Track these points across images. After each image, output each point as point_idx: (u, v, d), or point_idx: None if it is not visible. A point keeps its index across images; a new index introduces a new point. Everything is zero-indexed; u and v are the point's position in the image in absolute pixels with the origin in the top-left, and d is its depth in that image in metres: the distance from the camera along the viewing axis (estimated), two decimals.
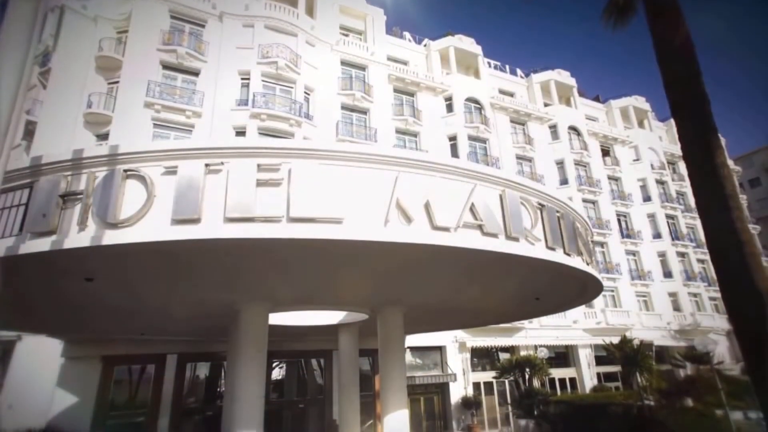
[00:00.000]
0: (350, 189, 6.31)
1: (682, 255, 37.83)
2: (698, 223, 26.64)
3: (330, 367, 19.52)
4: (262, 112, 22.38)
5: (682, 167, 40.68)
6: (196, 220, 5.83)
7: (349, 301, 11.73)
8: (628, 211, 37.03)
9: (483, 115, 32.05)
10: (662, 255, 36.62)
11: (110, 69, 21.93)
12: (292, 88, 24.31)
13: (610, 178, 37.61)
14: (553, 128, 35.93)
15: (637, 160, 40.23)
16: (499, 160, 31.13)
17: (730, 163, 41.64)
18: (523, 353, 25.26)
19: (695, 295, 36.88)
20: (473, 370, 25.21)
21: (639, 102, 43.82)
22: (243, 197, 5.93)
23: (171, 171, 6.06)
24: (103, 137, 20.52)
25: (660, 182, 40.40)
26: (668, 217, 38.95)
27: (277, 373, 19.96)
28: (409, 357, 22.00)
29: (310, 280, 9.35)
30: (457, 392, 23.82)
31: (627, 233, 36.00)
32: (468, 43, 34.87)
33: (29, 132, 20.05)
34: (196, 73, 23.12)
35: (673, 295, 35.54)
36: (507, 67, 39.03)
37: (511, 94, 36.59)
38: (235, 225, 5.87)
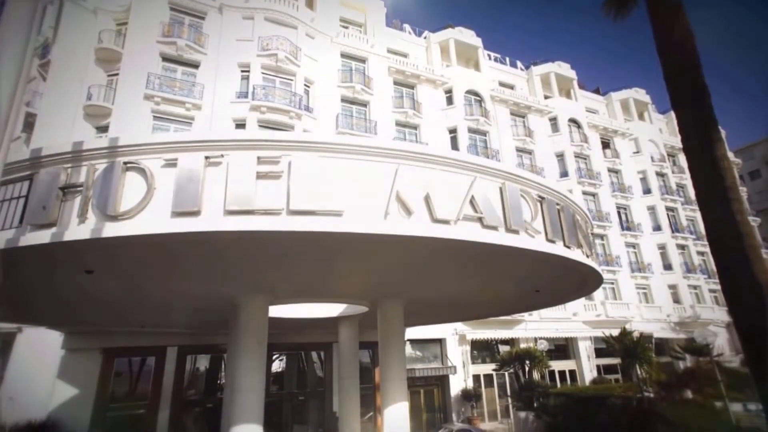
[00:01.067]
0: (350, 182, 6.29)
1: (682, 247, 37.86)
2: (698, 215, 26.59)
3: (330, 359, 19.62)
4: (261, 105, 22.32)
5: (682, 159, 40.62)
6: (195, 213, 5.81)
7: (349, 293, 11.75)
8: (628, 203, 36.99)
9: (483, 107, 31.97)
10: (662, 247, 36.63)
11: (110, 61, 21.83)
12: (292, 80, 24.22)
13: (610, 170, 37.52)
14: (554, 121, 35.79)
15: (638, 152, 40.14)
16: (499, 152, 31.06)
17: (730, 155, 41.52)
18: (522, 345, 25.40)
19: (695, 287, 36.94)
20: (473, 363, 25.29)
21: (639, 94, 43.64)
22: (243, 190, 5.91)
23: (171, 163, 6.04)
24: (103, 129, 20.49)
25: (660, 174, 40.35)
26: (668, 209, 38.92)
27: (278, 366, 20.07)
28: (408, 349, 22.06)
29: (310, 273, 9.36)
30: (457, 385, 23.90)
31: (627, 226, 35.97)
32: (468, 36, 34.68)
33: (29, 124, 20.02)
34: (195, 66, 23.05)
35: (672, 287, 35.58)
36: (507, 59, 38.88)
37: (512, 87, 36.49)
38: (235, 217, 5.85)
